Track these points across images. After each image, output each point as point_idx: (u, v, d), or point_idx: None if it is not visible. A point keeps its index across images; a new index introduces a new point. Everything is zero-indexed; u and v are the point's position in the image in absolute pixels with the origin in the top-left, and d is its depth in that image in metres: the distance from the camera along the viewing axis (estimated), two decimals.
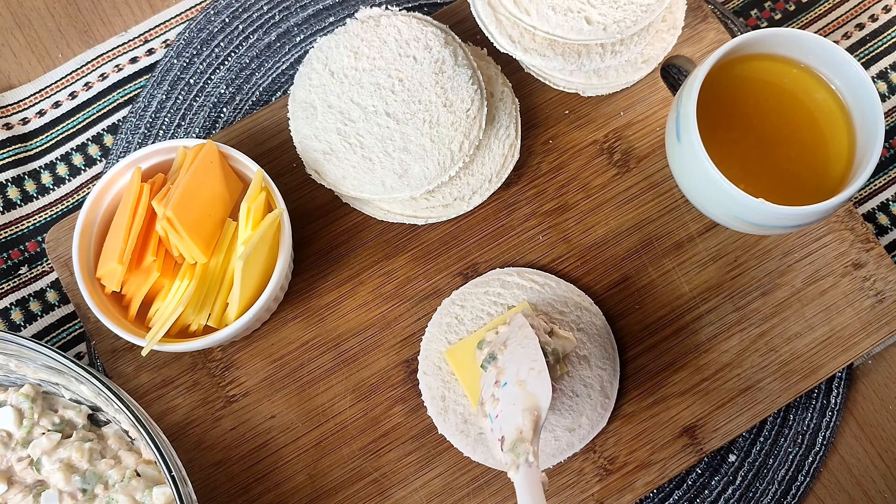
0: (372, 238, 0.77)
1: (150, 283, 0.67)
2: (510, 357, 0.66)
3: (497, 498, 0.72)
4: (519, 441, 0.60)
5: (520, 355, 0.65)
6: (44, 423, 0.68)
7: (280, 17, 0.84)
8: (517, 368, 0.64)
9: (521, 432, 0.60)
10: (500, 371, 0.65)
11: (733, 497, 0.74)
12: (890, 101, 0.84)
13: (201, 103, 0.82)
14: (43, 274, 0.79)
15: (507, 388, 0.63)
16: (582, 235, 0.77)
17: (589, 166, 0.78)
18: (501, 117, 0.76)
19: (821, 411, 0.76)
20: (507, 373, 0.64)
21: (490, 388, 0.65)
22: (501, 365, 0.66)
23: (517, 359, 0.65)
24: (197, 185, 0.68)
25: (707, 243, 0.77)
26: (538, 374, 0.63)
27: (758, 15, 0.86)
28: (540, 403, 0.61)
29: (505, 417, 0.62)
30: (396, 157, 0.71)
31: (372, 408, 0.74)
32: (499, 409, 0.63)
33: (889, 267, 0.76)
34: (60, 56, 0.85)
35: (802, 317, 0.75)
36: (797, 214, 0.66)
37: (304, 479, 0.72)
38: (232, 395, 0.74)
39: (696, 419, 0.73)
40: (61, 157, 0.82)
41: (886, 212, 0.81)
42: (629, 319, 0.75)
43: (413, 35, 0.73)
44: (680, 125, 0.68)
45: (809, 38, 0.69)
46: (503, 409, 0.63)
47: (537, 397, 0.62)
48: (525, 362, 0.64)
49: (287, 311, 0.75)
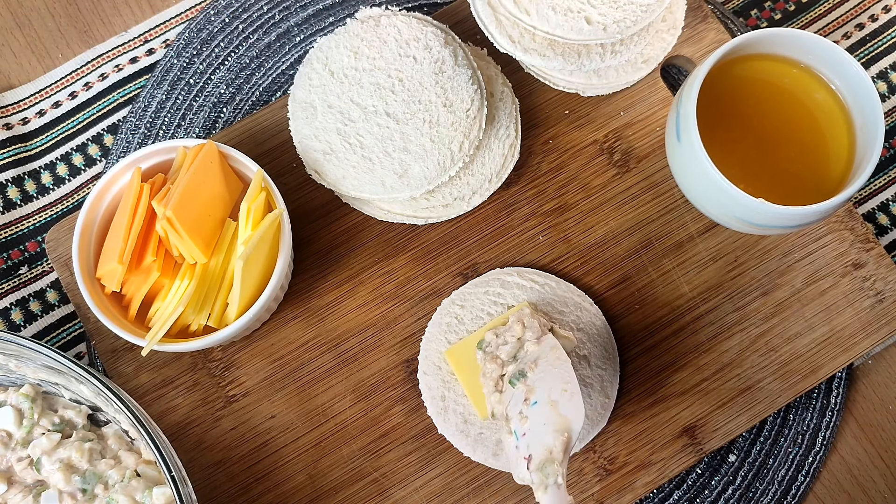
0: (372, 238, 0.77)
1: (150, 283, 0.67)
2: (542, 376, 0.65)
3: (497, 498, 0.72)
4: (548, 462, 0.60)
5: (552, 376, 0.64)
6: (44, 423, 0.68)
7: (280, 17, 0.84)
8: (549, 389, 0.64)
9: (552, 453, 0.60)
10: (529, 389, 0.65)
11: (733, 497, 0.74)
12: (890, 101, 0.84)
13: (201, 103, 0.82)
14: (43, 274, 0.79)
15: (537, 406, 0.63)
16: (582, 235, 0.77)
17: (589, 166, 0.78)
18: (501, 117, 0.76)
19: (821, 411, 0.76)
20: (539, 392, 0.64)
21: (518, 406, 0.65)
22: (532, 383, 0.65)
23: (549, 379, 0.64)
24: (197, 185, 0.68)
25: (707, 243, 0.77)
26: (571, 397, 0.62)
27: (758, 15, 0.86)
28: (572, 426, 0.61)
29: (533, 436, 0.62)
30: (396, 157, 0.71)
31: (372, 408, 0.74)
32: (526, 427, 0.63)
33: (889, 267, 0.76)
34: (60, 56, 0.85)
35: (802, 317, 0.75)
36: (797, 214, 0.66)
37: (304, 479, 0.72)
38: (232, 395, 0.74)
39: (696, 419, 0.73)
40: (61, 157, 0.82)
41: (886, 212, 0.81)
42: (629, 319, 0.75)
43: (413, 35, 0.73)
44: (680, 125, 0.68)
45: (809, 38, 0.69)
46: (532, 427, 0.62)
47: (569, 420, 0.61)
48: (558, 384, 0.64)
49: (287, 311, 0.75)
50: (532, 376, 0.66)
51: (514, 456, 0.63)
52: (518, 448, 0.63)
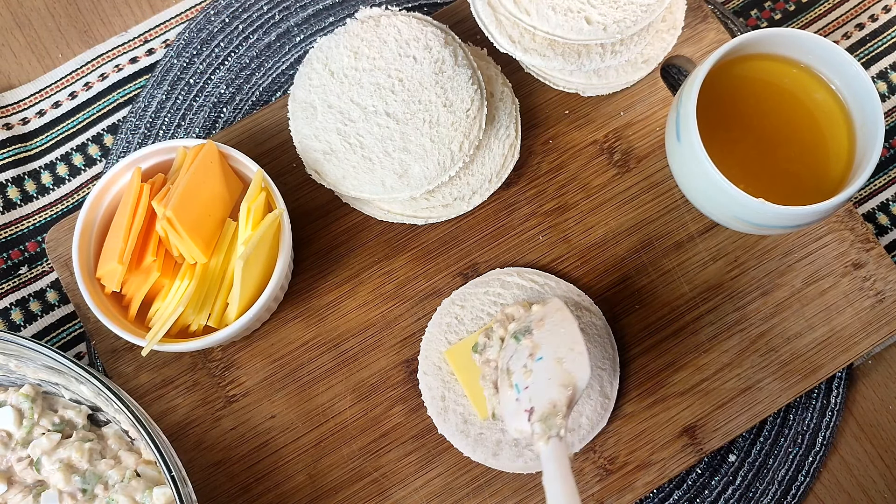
0: (372, 238, 0.77)
1: (150, 283, 0.67)
2: (548, 335, 0.65)
3: (497, 498, 0.72)
4: (551, 414, 0.60)
5: (559, 335, 0.65)
6: (44, 423, 0.68)
7: (280, 17, 0.84)
8: (556, 347, 0.64)
9: (555, 406, 0.60)
10: (535, 346, 0.65)
11: (733, 497, 0.74)
12: (890, 101, 0.84)
13: (201, 103, 0.82)
14: (43, 274, 0.79)
15: (542, 362, 0.63)
16: (582, 235, 0.77)
17: (589, 166, 0.78)
18: (501, 117, 0.76)
19: (821, 411, 0.76)
20: (544, 348, 0.64)
21: (522, 360, 0.65)
22: (538, 340, 0.65)
23: (556, 338, 0.64)
24: (197, 185, 0.68)
25: (707, 243, 0.77)
26: (578, 355, 0.62)
27: (758, 15, 0.86)
28: (577, 383, 0.61)
29: (536, 390, 0.62)
30: (396, 157, 0.71)
31: (372, 408, 0.74)
32: (530, 380, 0.63)
33: (889, 267, 0.76)
34: (60, 56, 0.85)
35: (802, 317, 0.75)
36: (797, 214, 0.66)
37: (304, 479, 0.72)
38: (232, 395, 0.74)
39: (696, 419, 0.73)
40: (61, 157, 0.82)
41: (886, 212, 0.81)
42: (629, 319, 0.75)
43: (413, 35, 0.73)
44: (680, 125, 0.68)
45: (809, 38, 0.69)
46: (535, 381, 0.62)
47: (574, 376, 0.62)
48: (565, 343, 0.64)
49: (287, 311, 0.75)
50: (538, 333, 0.66)
51: (514, 408, 0.63)
52: (519, 401, 0.63)
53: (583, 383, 0.61)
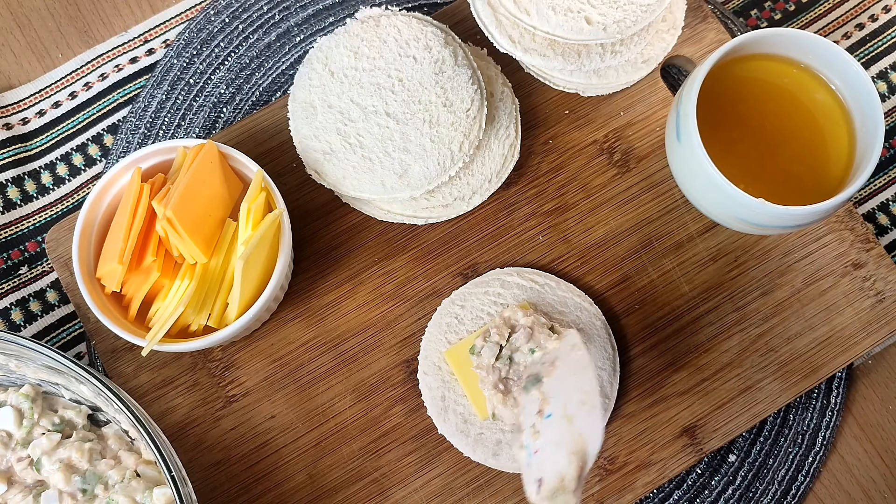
0: (372, 238, 0.77)
1: (150, 283, 0.67)
2: (559, 383, 0.60)
3: (497, 498, 0.72)
4: (560, 490, 0.55)
5: (570, 384, 0.59)
6: (44, 424, 0.68)
7: (280, 17, 0.84)
8: (566, 399, 0.58)
9: (564, 480, 0.55)
10: (544, 399, 0.60)
11: (733, 497, 0.74)
12: (890, 101, 0.84)
13: (201, 103, 0.82)
14: (43, 274, 0.79)
15: (551, 420, 0.58)
16: (582, 235, 0.77)
17: (589, 166, 0.78)
18: (501, 117, 0.76)
19: (821, 411, 0.76)
20: (554, 403, 0.59)
21: (531, 418, 0.60)
22: (547, 391, 0.60)
23: (567, 387, 0.59)
24: (197, 185, 0.68)
25: (707, 243, 0.77)
26: (589, 411, 0.57)
27: (758, 15, 0.86)
28: (588, 449, 0.56)
29: (546, 456, 0.57)
30: (396, 157, 0.71)
31: (372, 408, 0.74)
32: (539, 443, 0.58)
33: (889, 267, 0.76)
34: (60, 56, 0.85)
35: (802, 317, 0.75)
36: (797, 214, 0.66)
37: (304, 479, 0.72)
38: (232, 395, 0.74)
39: (696, 419, 0.73)
40: (61, 157, 0.82)
41: (886, 212, 0.81)
42: (629, 319, 0.75)
43: (413, 35, 0.73)
44: (680, 125, 0.68)
45: (809, 38, 0.69)
46: (544, 444, 0.58)
47: (586, 441, 0.56)
48: (576, 393, 0.58)
49: (287, 311, 0.75)
50: (548, 382, 0.61)
51: (526, 475, 0.58)
52: (529, 466, 0.58)
53: (594, 449, 0.56)
